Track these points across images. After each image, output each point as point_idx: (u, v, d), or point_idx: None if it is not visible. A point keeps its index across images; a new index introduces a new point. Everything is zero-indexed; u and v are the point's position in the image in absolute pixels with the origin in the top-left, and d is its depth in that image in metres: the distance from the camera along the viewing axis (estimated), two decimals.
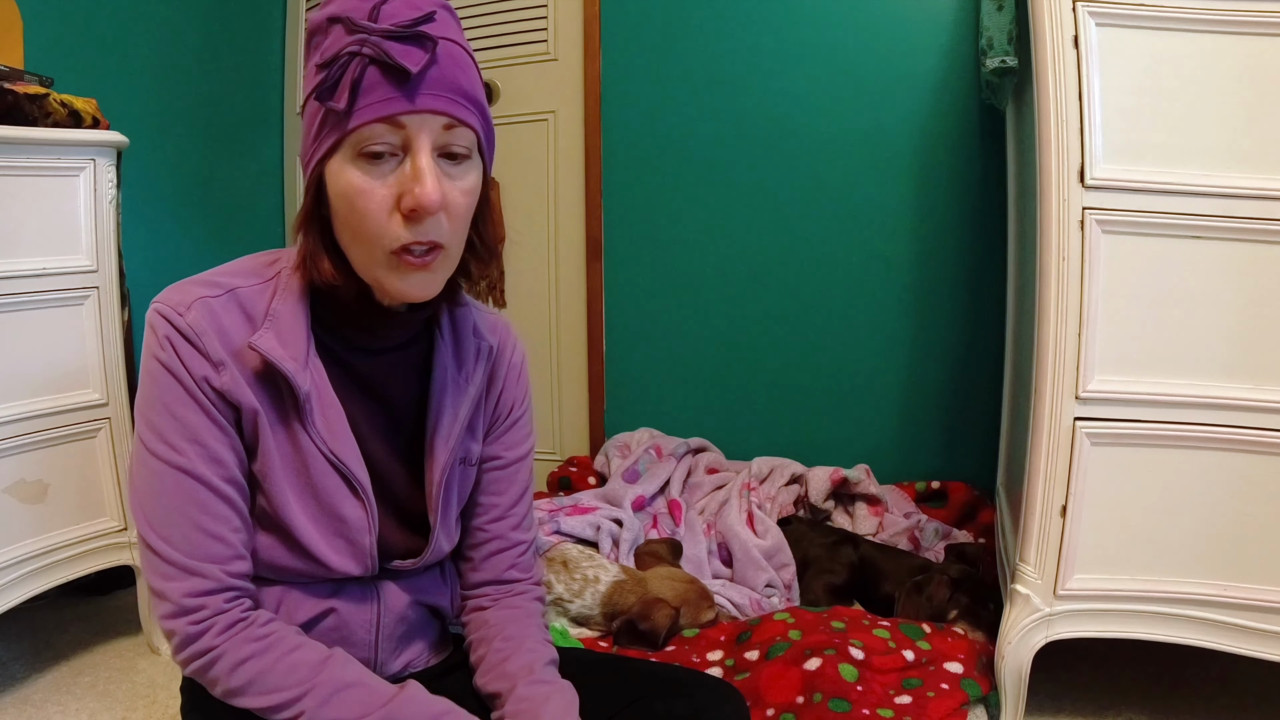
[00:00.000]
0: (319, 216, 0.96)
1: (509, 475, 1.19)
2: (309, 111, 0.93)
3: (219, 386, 0.94)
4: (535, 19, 2.76)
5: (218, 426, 0.95)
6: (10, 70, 1.75)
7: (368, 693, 0.94)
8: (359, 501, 1.02)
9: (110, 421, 1.81)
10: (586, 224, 2.74)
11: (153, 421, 0.95)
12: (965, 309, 2.43)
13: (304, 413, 0.98)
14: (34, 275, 1.66)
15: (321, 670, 0.94)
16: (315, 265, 0.96)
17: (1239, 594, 1.41)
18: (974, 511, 2.27)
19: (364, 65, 0.87)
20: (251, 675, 0.93)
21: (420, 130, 0.89)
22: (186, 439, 0.94)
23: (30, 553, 1.68)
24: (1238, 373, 1.38)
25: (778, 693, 1.43)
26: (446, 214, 0.92)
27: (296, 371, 0.96)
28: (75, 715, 1.65)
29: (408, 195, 0.89)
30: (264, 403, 0.97)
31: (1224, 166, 1.35)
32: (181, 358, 0.94)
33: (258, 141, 3.20)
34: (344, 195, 0.91)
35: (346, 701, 0.92)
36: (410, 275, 0.94)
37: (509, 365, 1.18)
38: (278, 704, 0.92)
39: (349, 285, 0.97)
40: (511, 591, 1.18)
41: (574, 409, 2.83)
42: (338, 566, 1.01)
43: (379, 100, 0.87)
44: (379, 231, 0.91)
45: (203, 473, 0.94)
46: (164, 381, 0.94)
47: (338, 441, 1.00)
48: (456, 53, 0.92)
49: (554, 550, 1.84)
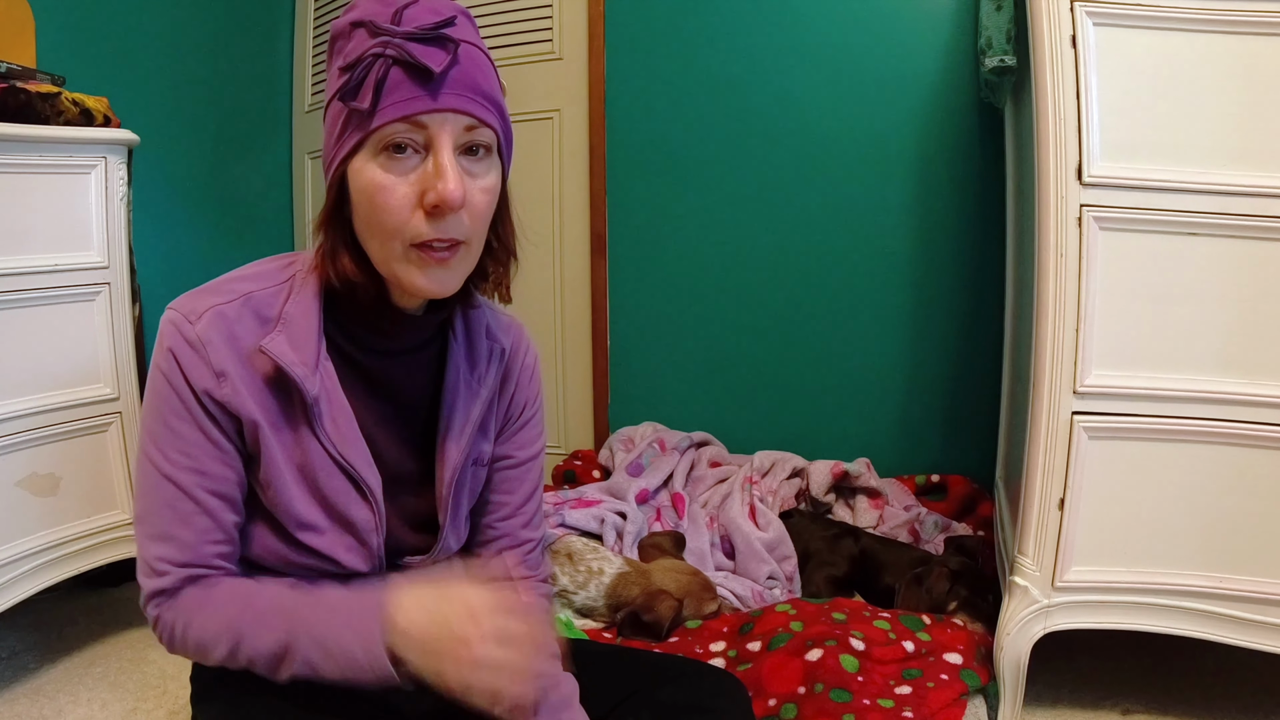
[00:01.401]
0: (340, 216, 0.96)
1: (520, 474, 1.19)
2: (332, 113, 0.93)
3: (220, 398, 0.94)
4: (541, 19, 2.76)
5: (210, 440, 0.96)
6: (23, 69, 1.76)
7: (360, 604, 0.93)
8: (367, 504, 1.02)
9: (121, 416, 1.82)
10: (591, 221, 2.74)
11: (149, 426, 0.96)
12: (964, 305, 2.43)
13: (313, 415, 0.98)
14: (46, 271, 1.67)
15: (295, 604, 0.95)
16: (335, 262, 0.96)
17: (1235, 586, 1.41)
18: (973, 504, 2.28)
19: (387, 66, 0.87)
20: (195, 634, 0.94)
21: (442, 129, 0.89)
22: (177, 450, 0.95)
23: (42, 545, 1.69)
24: (1233, 368, 1.38)
25: (780, 683, 1.44)
26: (467, 211, 0.92)
27: (305, 376, 0.96)
28: (87, 706, 1.66)
29: (430, 191, 0.89)
30: (273, 407, 0.97)
31: (1219, 164, 1.35)
32: (184, 369, 0.94)
33: (267, 140, 3.21)
34: (366, 192, 0.91)
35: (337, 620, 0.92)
36: (430, 270, 0.93)
37: (522, 366, 1.18)
38: (268, 652, 0.92)
39: (368, 284, 0.97)
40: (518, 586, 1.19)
41: (578, 403, 2.83)
42: (347, 564, 1.02)
43: (402, 99, 0.87)
44: (400, 227, 0.90)
45: (186, 484, 0.95)
46: (163, 391, 0.95)
47: (347, 445, 1.00)
48: (476, 55, 0.93)
49: (559, 543, 1.84)
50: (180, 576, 0.96)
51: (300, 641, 0.91)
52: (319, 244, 0.98)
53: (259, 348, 0.96)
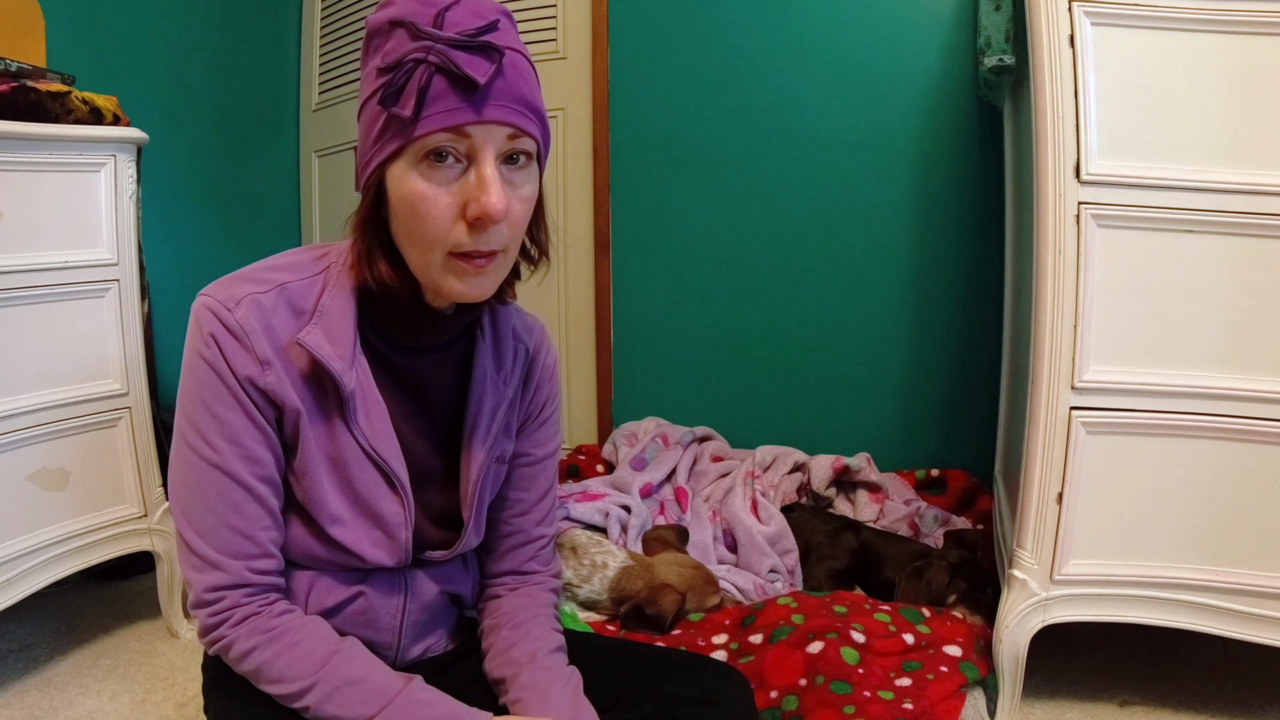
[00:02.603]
0: (377, 218, 0.95)
1: (536, 472, 1.20)
2: (369, 114, 0.92)
3: (263, 386, 0.94)
4: (545, 19, 2.77)
5: (256, 426, 0.95)
6: (33, 69, 1.76)
7: (370, 691, 0.94)
8: (397, 497, 1.02)
9: (130, 411, 1.82)
10: (594, 218, 2.75)
11: (192, 417, 0.95)
12: (964, 301, 2.43)
13: (348, 410, 0.98)
14: (57, 268, 1.67)
15: (326, 664, 0.95)
16: (371, 265, 0.96)
17: (1230, 579, 1.42)
18: (972, 499, 2.28)
19: (430, 73, 0.86)
20: (257, 664, 0.94)
21: (486, 140, 0.88)
22: (224, 438, 0.94)
23: (53, 539, 1.70)
24: (1229, 363, 1.39)
25: (781, 675, 1.44)
26: (507, 222, 0.92)
27: (343, 371, 0.96)
28: (96, 697, 1.67)
29: (473, 204, 0.88)
30: (308, 399, 0.97)
31: (1215, 162, 1.36)
32: (226, 356, 0.93)
33: (274, 138, 3.23)
34: (407, 200, 0.90)
35: (349, 698, 0.93)
36: (468, 278, 0.93)
37: (543, 366, 1.18)
38: (284, 694, 0.94)
39: (404, 287, 0.97)
40: (528, 581, 1.20)
41: (582, 399, 2.84)
42: (372, 559, 1.02)
43: (445, 110, 0.86)
44: (441, 237, 0.90)
45: (237, 472, 0.95)
46: (206, 379, 0.94)
47: (380, 439, 1.00)
48: (520, 63, 0.92)
49: (563, 536, 1.84)
50: (234, 603, 0.96)
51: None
52: (354, 245, 0.97)
53: (296, 340, 0.95)
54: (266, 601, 0.98)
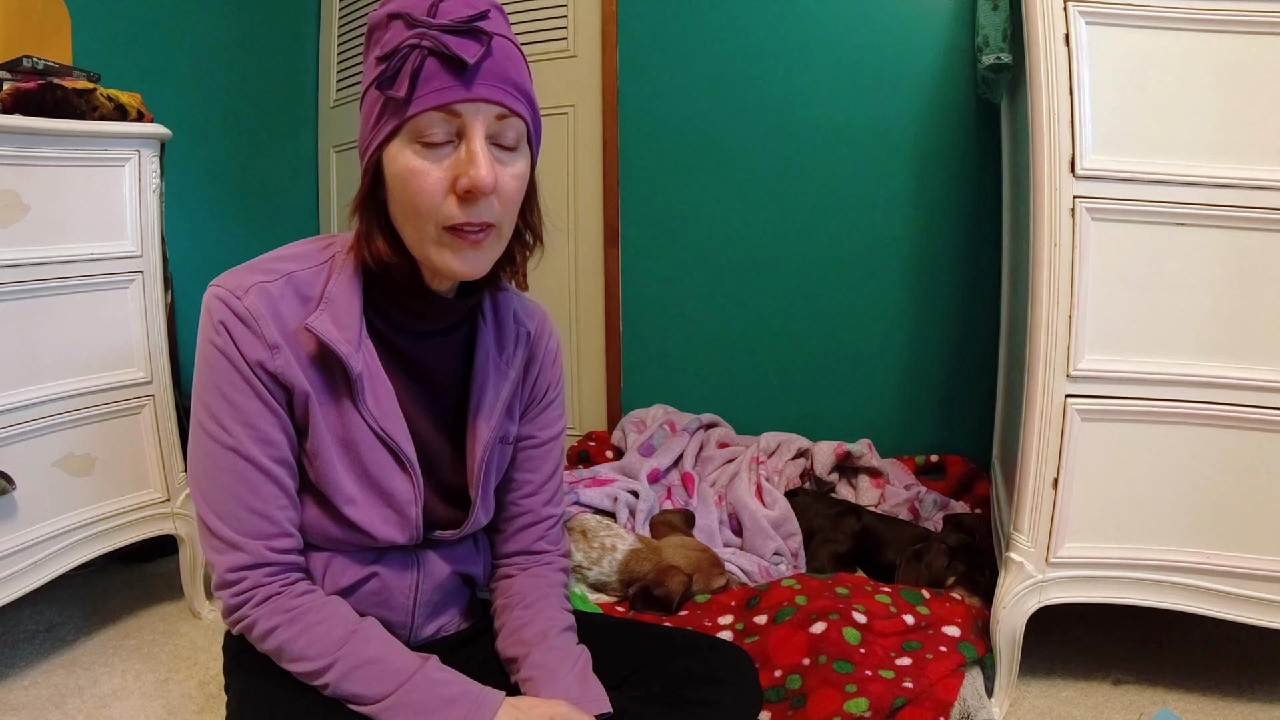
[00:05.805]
0: (375, 199, 0.98)
1: (542, 454, 1.21)
2: (368, 101, 0.95)
3: (273, 370, 0.97)
4: (556, 18, 2.79)
5: (268, 409, 0.98)
6: (60, 67, 1.78)
7: (388, 670, 0.96)
8: (406, 475, 1.05)
9: (154, 399, 1.83)
10: (604, 212, 2.77)
11: (207, 404, 0.98)
12: (962, 292, 2.45)
13: (356, 391, 1.00)
14: (83, 260, 1.68)
15: (346, 643, 0.97)
16: (370, 244, 0.98)
17: (1221, 561, 1.43)
18: (971, 483, 2.29)
19: (423, 56, 0.89)
20: (279, 643, 0.97)
21: (475, 118, 0.91)
22: (239, 421, 0.97)
23: (79, 522, 1.71)
24: (1219, 352, 1.39)
25: (785, 654, 1.46)
26: (498, 196, 0.94)
27: (350, 354, 0.98)
28: (121, 676, 1.69)
29: (463, 177, 0.91)
30: (317, 382, 1.00)
31: (1206, 157, 1.36)
32: (236, 342, 0.96)
33: (293, 134, 3.25)
34: (401, 177, 0.93)
35: (367, 676, 0.96)
36: (463, 252, 0.96)
37: (545, 350, 1.20)
38: (304, 672, 0.97)
39: (401, 265, 0.99)
40: (539, 561, 1.22)
41: (592, 387, 2.86)
42: (384, 536, 1.04)
43: (437, 89, 0.90)
44: (433, 210, 0.93)
45: (253, 454, 0.97)
46: (218, 365, 0.97)
47: (388, 419, 1.02)
48: (509, 48, 0.95)
49: (573, 520, 1.85)
50: (256, 582, 0.98)
51: (396, 712, 0.95)
52: (356, 226, 1.00)
53: (304, 326, 0.98)
54: (288, 581, 1.00)
